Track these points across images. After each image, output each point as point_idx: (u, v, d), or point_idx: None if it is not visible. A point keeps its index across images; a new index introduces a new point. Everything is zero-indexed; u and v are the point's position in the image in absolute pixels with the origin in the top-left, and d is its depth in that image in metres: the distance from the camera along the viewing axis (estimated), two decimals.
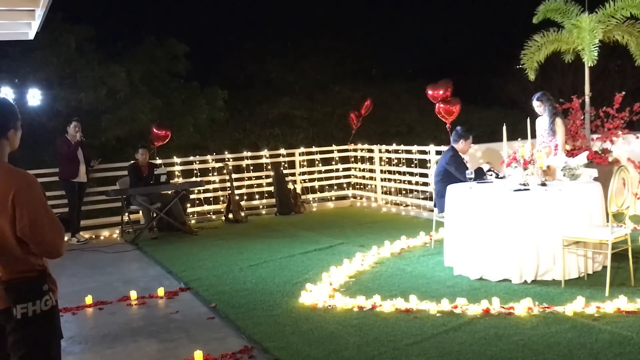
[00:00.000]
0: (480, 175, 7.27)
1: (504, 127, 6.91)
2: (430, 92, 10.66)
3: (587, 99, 9.31)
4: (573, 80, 18.31)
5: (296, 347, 4.74)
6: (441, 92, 10.52)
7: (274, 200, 11.61)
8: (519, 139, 9.20)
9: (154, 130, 11.30)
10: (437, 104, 10.46)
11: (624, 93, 9.22)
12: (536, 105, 8.12)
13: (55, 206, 10.48)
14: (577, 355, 4.26)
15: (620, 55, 11.54)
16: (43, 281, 2.94)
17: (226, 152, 11.81)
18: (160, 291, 6.51)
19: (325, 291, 6.03)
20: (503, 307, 5.27)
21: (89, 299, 6.34)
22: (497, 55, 19.68)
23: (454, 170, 7.36)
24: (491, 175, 7.26)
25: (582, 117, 9.30)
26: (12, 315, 2.83)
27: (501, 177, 7.14)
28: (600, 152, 9.01)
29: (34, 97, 13.25)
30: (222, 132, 17.75)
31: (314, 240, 8.72)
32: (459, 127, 7.79)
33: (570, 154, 7.97)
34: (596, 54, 8.86)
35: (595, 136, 9.35)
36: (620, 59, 17.07)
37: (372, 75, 21.97)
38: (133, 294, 6.45)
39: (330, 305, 5.66)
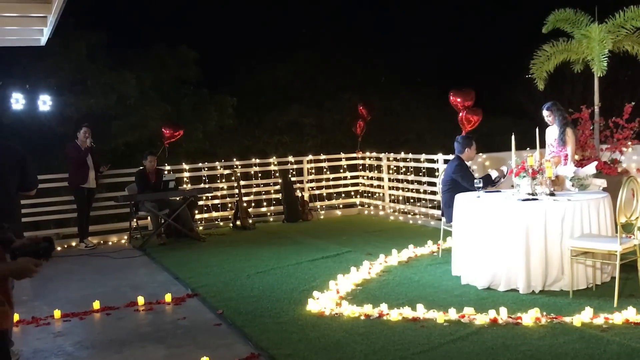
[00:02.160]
0: (488, 182, 7.26)
1: (513, 137, 6.91)
2: (452, 98, 10.48)
3: (596, 109, 9.30)
4: (582, 91, 18.29)
5: (303, 355, 4.74)
6: (460, 99, 10.37)
7: (281, 207, 11.62)
8: (528, 148, 9.19)
9: (166, 130, 11.34)
10: (462, 112, 10.35)
11: (633, 104, 9.19)
12: (546, 114, 8.11)
13: (64, 211, 10.56)
14: None
15: (631, 65, 11.49)
16: None
17: (234, 159, 11.84)
18: (168, 297, 6.53)
19: (332, 299, 6.02)
20: (511, 317, 5.25)
21: (96, 304, 6.36)
22: (507, 64, 19.67)
23: (461, 180, 7.35)
24: (499, 180, 7.29)
25: (591, 127, 9.29)
26: None
27: (504, 177, 7.19)
28: (609, 163, 8.99)
29: (45, 102, 13.35)
30: (231, 139, 17.79)
31: (321, 247, 8.72)
32: (459, 137, 7.75)
33: (579, 164, 7.95)
34: (606, 64, 8.85)
35: (604, 146, 9.32)
36: (631, 69, 17.03)
37: (381, 83, 21.98)
38: (140, 300, 6.47)
39: (337, 313, 5.66)
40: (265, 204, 11.83)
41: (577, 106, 9.52)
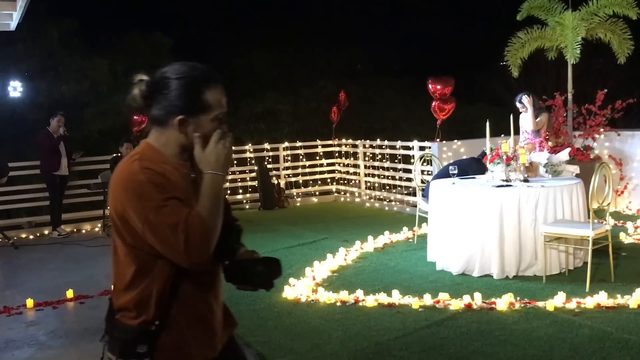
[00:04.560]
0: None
1: (487, 123, 6.95)
2: (431, 86, 10.42)
3: (569, 96, 9.38)
4: (556, 78, 18.43)
5: (279, 342, 4.74)
6: (440, 87, 10.31)
7: (257, 194, 11.58)
8: (503, 135, 9.28)
9: (134, 117, 11.20)
10: (434, 102, 10.32)
11: (606, 90, 9.30)
12: (519, 106, 8.18)
13: (36, 199, 10.40)
14: (558, 350, 4.29)
15: (603, 53, 11.63)
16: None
17: None
18: None
19: (308, 286, 6.03)
20: (485, 302, 5.30)
21: (70, 293, 6.29)
22: (482, 52, 19.76)
23: (471, 168, 7.23)
24: None
25: (564, 114, 9.37)
26: None
27: None
28: (582, 149, 9.09)
29: (15, 89, 13.14)
30: None
31: (297, 235, 8.71)
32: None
33: (553, 150, 8.03)
34: (579, 51, 8.92)
35: (577, 133, 9.43)
36: (603, 57, 17.21)
37: (357, 71, 21.97)
38: None
39: (313, 300, 5.66)
40: (241, 191, 11.78)
41: (551, 93, 9.59)
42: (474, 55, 21.14)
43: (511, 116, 6.97)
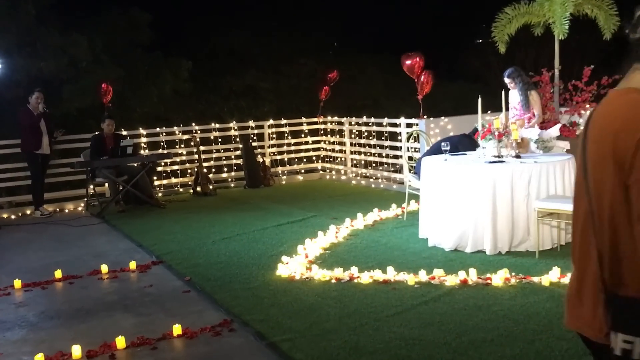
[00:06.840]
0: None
1: (479, 100, 6.92)
2: (407, 62, 10.41)
3: (556, 72, 9.37)
4: (536, 57, 18.46)
5: (277, 320, 4.70)
6: (411, 61, 10.34)
7: (242, 173, 11.48)
8: (489, 112, 9.28)
9: (103, 86, 11.01)
10: (422, 75, 10.29)
11: (592, 67, 9.30)
12: (507, 82, 8.14)
13: (17, 178, 10.20)
14: (558, 325, 4.30)
15: (579, 30, 11.58)
16: None
17: (193, 124, 11.59)
18: (132, 265, 6.38)
19: (301, 263, 5.99)
20: (480, 278, 5.30)
21: (58, 273, 6.18)
22: (462, 29, 19.73)
23: (462, 144, 7.33)
24: None
25: (551, 90, 9.37)
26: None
27: None
28: (568, 125, 9.10)
29: None
30: (186, 103, 17.42)
31: (286, 213, 8.64)
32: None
33: (542, 126, 8.03)
34: (567, 27, 8.91)
35: (563, 109, 9.44)
36: (579, 34, 17.24)
37: (337, 47, 21.82)
38: (104, 268, 6.31)
39: (307, 278, 5.63)
40: (225, 169, 11.66)
41: (530, 70, 9.56)
42: (454, 33, 21.09)
43: (502, 92, 6.94)
